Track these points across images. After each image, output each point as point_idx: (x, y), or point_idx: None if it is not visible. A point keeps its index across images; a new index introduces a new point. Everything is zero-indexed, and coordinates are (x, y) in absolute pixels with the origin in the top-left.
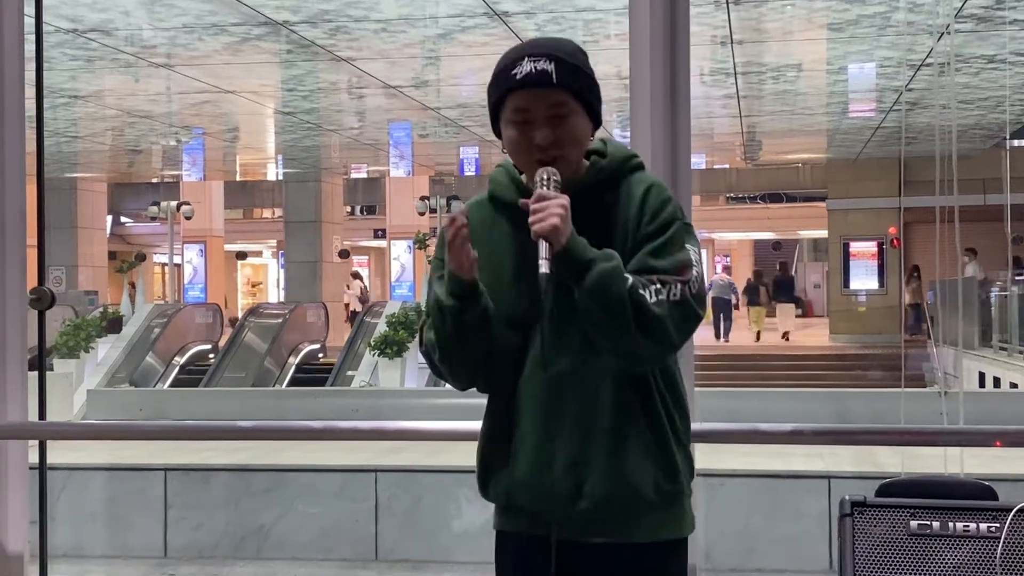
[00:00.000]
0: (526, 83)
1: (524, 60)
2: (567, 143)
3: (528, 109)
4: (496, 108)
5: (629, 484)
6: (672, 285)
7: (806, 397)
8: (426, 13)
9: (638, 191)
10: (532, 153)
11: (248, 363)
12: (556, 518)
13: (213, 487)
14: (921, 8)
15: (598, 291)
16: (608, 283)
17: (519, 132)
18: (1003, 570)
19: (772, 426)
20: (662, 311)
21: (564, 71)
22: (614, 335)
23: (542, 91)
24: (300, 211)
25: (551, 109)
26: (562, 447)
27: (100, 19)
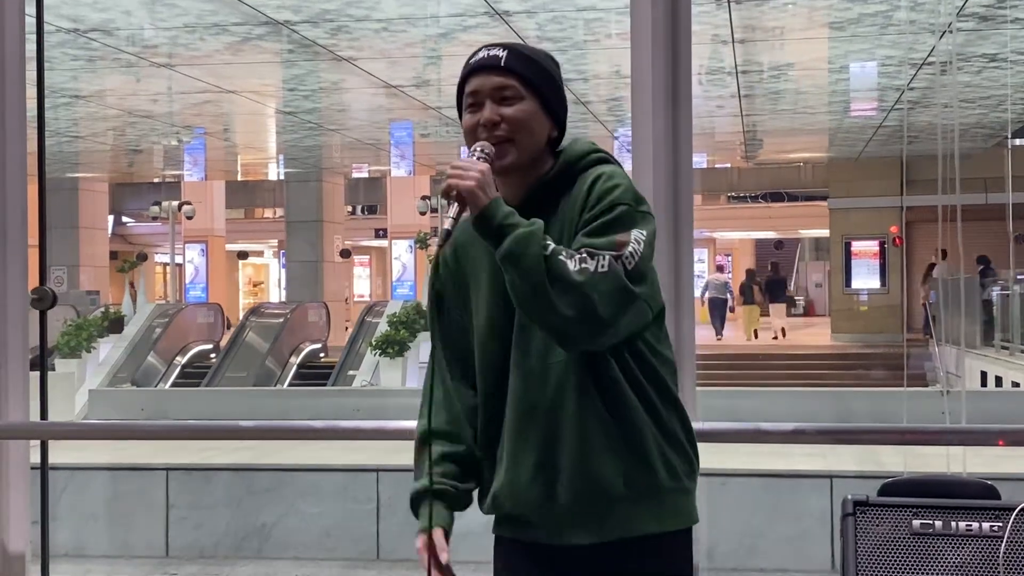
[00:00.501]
0: (477, 67)
1: (481, 50)
2: (514, 126)
3: (477, 91)
4: (459, 105)
5: (596, 481)
6: (601, 256)
7: (808, 396)
8: (427, 12)
9: (589, 179)
10: (479, 134)
11: (249, 363)
12: (535, 521)
13: (215, 487)
14: (923, 7)
15: (514, 255)
16: (523, 246)
17: (470, 115)
18: (1006, 569)
19: (774, 425)
20: (584, 279)
21: (515, 58)
22: (533, 304)
23: (490, 73)
24: (301, 211)
25: (497, 91)
26: (532, 449)
27: (101, 19)
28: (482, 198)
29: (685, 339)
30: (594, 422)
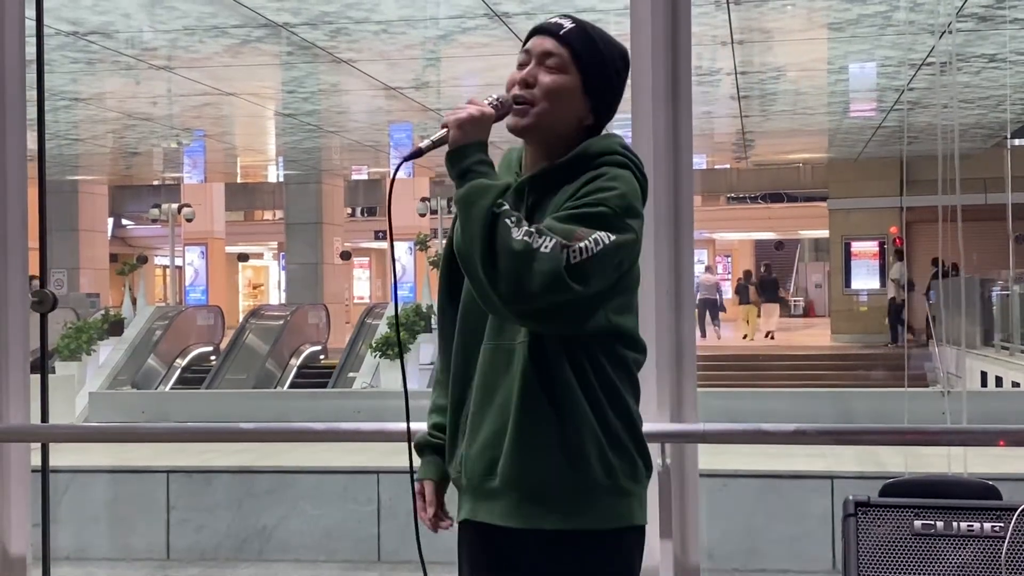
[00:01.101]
0: (538, 29)
1: (554, 17)
2: (544, 93)
3: (529, 51)
4: None
5: (529, 472)
6: (548, 237)
7: (808, 397)
8: (426, 14)
9: (596, 173)
10: (516, 90)
11: (250, 365)
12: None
13: (215, 489)
14: (922, 7)
15: (467, 200)
16: (477, 195)
17: (515, 72)
18: (1008, 570)
19: (775, 426)
20: (521, 248)
21: (577, 33)
22: (467, 252)
23: (546, 37)
24: (301, 213)
25: (543, 56)
26: (488, 421)
27: (101, 21)
28: (461, 136)
29: (685, 340)
30: (535, 417)
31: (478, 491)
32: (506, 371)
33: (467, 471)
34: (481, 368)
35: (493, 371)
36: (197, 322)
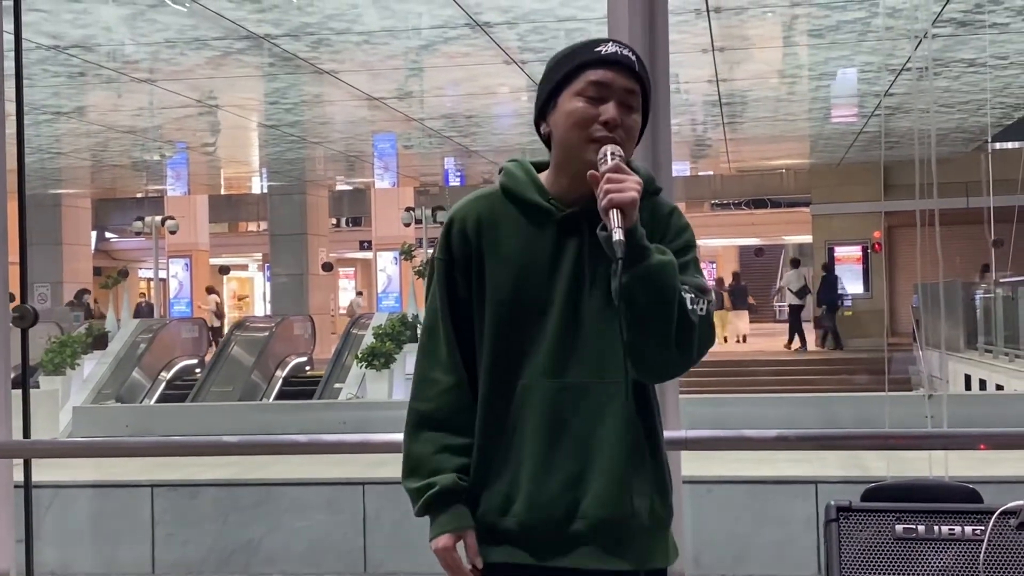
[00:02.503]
0: (611, 60)
1: (609, 43)
2: (628, 135)
3: (607, 85)
4: (561, 83)
5: (628, 506)
6: (702, 300)
7: (793, 402)
8: (408, 25)
9: (663, 211)
10: (594, 129)
11: (235, 377)
12: (546, 538)
13: (200, 503)
14: (901, 13)
15: (655, 278)
16: (667, 273)
17: (589, 105)
18: (987, 573)
19: (758, 432)
20: (697, 320)
21: (642, 67)
22: (654, 329)
23: (624, 72)
24: (285, 224)
25: (626, 95)
26: (562, 462)
27: (82, 35)
28: (634, 213)
29: None
30: (634, 450)
31: (552, 534)
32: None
33: (538, 514)
34: (543, 407)
35: (565, 410)
36: (182, 335)
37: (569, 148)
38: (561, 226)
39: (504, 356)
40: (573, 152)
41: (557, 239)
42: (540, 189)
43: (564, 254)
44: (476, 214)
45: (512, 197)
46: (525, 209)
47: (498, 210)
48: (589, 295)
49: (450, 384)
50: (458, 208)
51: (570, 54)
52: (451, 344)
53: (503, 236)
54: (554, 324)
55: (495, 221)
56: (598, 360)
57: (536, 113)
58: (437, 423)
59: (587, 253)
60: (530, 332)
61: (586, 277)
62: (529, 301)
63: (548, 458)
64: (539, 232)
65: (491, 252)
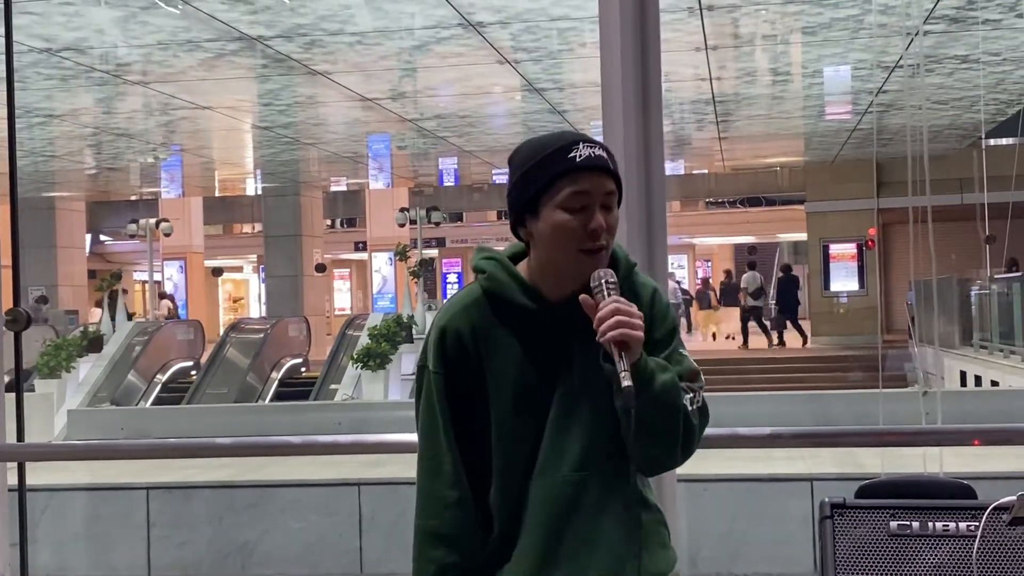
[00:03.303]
0: (588, 167)
1: (580, 145)
2: (612, 234)
3: (589, 193)
4: (539, 193)
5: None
6: (696, 393)
7: (788, 400)
8: (401, 25)
9: (645, 293)
10: (583, 243)
11: (231, 379)
12: None
13: (196, 505)
14: (893, 10)
15: (663, 401)
16: (673, 393)
17: (574, 218)
18: (979, 568)
19: (751, 430)
20: (696, 421)
21: (613, 161)
22: (662, 442)
23: (602, 176)
24: (280, 225)
25: (606, 197)
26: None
27: (74, 37)
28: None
29: None
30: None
31: None
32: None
33: None
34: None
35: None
36: (177, 337)
37: (556, 261)
38: (552, 326)
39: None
40: (561, 264)
41: (549, 340)
42: (526, 289)
43: (558, 354)
44: (470, 325)
45: (500, 302)
46: (515, 313)
47: (488, 318)
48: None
49: (455, 499)
50: (448, 319)
51: (545, 161)
52: (455, 459)
53: (497, 344)
54: (552, 423)
55: (488, 330)
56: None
57: (513, 219)
58: (442, 540)
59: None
60: (528, 434)
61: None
62: (524, 405)
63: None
64: (531, 335)
65: (489, 362)
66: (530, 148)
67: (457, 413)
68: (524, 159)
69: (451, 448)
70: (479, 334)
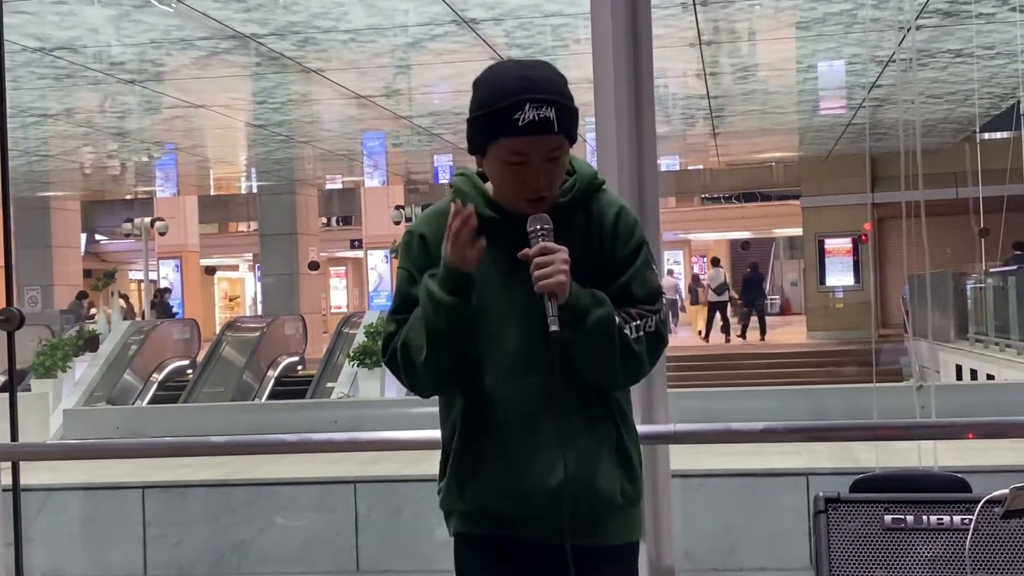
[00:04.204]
0: (531, 130)
1: (526, 106)
2: (555, 183)
3: (527, 154)
4: (486, 141)
5: (603, 490)
6: (648, 318)
7: (784, 395)
8: (395, 22)
9: (609, 213)
10: (522, 192)
11: (227, 378)
12: (530, 520)
13: (191, 504)
14: (887, 4)
15: (594, 337)
16: (605, 330)
17: (511, 173)
18: (972, 561)
19: (745, 425)
20: (640, 348)
21: (563, 116)
22: (600, 371)
23: (542, 137)
24: (275, 224)
25: (549, 154)
26: (539, 454)
27: (67, 37)
28: (568, 287)
29: None
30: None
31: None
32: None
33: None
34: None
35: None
36: (173, 336)
37: (503, 192)
38: (515, 236)
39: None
40: (508, 195)
41: (511, 248)
42: (489, 202)
43: (518, 262)
44: (432, 228)
45: None
46: (480, 223)
47: None
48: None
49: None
50: (417, 224)
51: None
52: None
53: None
54: (516, 327)
55: None
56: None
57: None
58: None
59: None
60: (495, 337)
61: None
62: (489, 308)
63: (523, 453)
64: (495, 245)
65: None
66: (485, 92)
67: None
68: (478, 103)
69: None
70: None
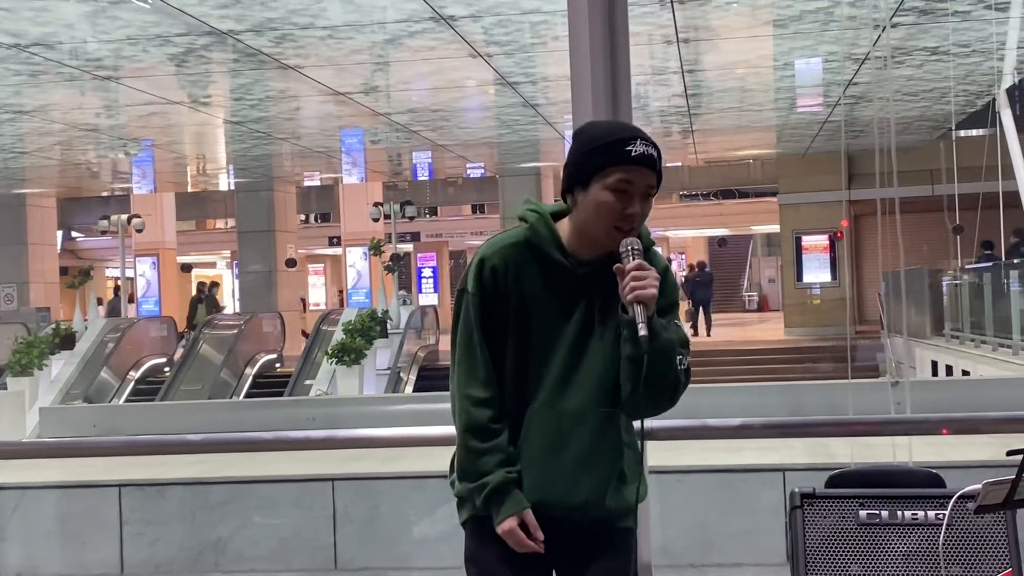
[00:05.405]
0: (640, 162)
1: (638, 141)
2: (643, 219)
3: (634, 183)
4: (593, 172)
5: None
6: (685, 356)
7: (761, 391)
8: (372, 19)
9: (659, 266)
10: (618, 221)
11: (204, 375)
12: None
13: (168, 502)
14: (863, 2)
15: (665, 355)
16: (672, 350)
17: (617, 199)
18: (946, 556)
19: (721, 421)
20: (682, 379)
21: (660, 160)
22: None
23: (648, 171)
24: (253, 221)
25: (647, 189)
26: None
27: (42, 33)
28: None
29: None
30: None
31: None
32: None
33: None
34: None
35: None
36: (150, 334)
37: (593, 229)
38: (577, 281)
39: (520, 383)
40: (596, 233)
41: (572, 290)
42: (560, 247)
43: (577, 304)
44: (506, 260)
45: (536, 251)
46: (547, 263)
47: (523, 258)
48: (593, 339)
49: (488, 397)
50: (490, 252)
51: (603, 149)
52: (487, 364)
53: (526, 282)
54: (561, 361)
55: (520, 268)
56: (595, 394)
57: (564, 186)
58: (479, 433)
59: (596, 307)
60: (541, 366)
61: (595, 325)
62: (543, 340)
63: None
64: (557, 283)
65: (516, 294)
66: (595, 131)
67: (487, 331)
68: (588, 139)
69: (483, 355)
70: (511, 271)
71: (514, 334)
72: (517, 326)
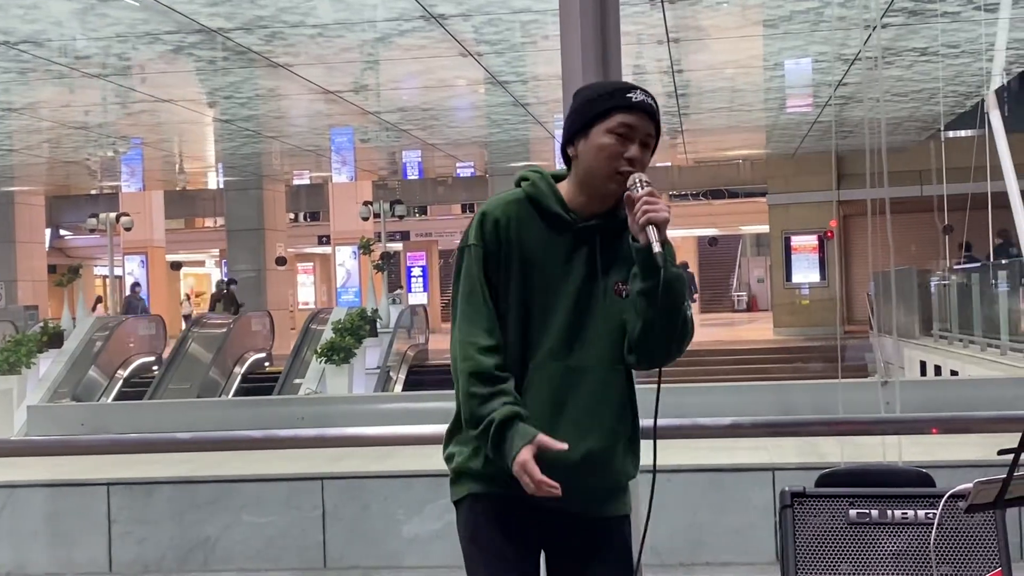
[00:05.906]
0: (640, 107)
1: (637, 91)
2: (643, 169)
3: (635, 127)
4: (594, 119)
5: (620, 473)
6: (688, 304)
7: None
8: (363, 17)
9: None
10: (619, 163)
11: (193, 374)
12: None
13: (157, 500)
14: (853, 3)
15: (676, 287)
16: (683, 282)
17: (617, 142)
18: (936, 555)
19: (712, 420)
20: (688, 326)
21: (658, 115)
22: (667, 329)
23: (648, 118)
24: (242, 219)
25: (647, 136)
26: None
27: (31, 30)
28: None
29: None
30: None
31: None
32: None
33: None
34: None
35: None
36: (139, 332)
37: (595, 174)
38: (577, 235)
39: (521, 338)
40: (597, 178)
41: (573, 245)
42: (560, 201)
43: (578, 258)
44: (506, 214)
45: (536, 205)
46: (547, 217)
47: (524, 213)
48: (595, 295)
49: (491, 345)
50: (491, 206)
51: (604, 95)
52: (490, 313)
53: (528, 236)
54: (564, 315)
55: (522, 222)
56: (598, 349)
57: (565, 139)
58: (484, 378)
59: (599, 260)
60: (543, 321)
61: (598, 279)
62: (545, 294)
63: (552, 428)
64: (558, 237)
65: (518, 248)
66: (596, 85)
67: (488, 282)
68: (590, 92)
69: (486, 304)
70: (513, 224)
71: (516, 289)
72: (519, 281)
